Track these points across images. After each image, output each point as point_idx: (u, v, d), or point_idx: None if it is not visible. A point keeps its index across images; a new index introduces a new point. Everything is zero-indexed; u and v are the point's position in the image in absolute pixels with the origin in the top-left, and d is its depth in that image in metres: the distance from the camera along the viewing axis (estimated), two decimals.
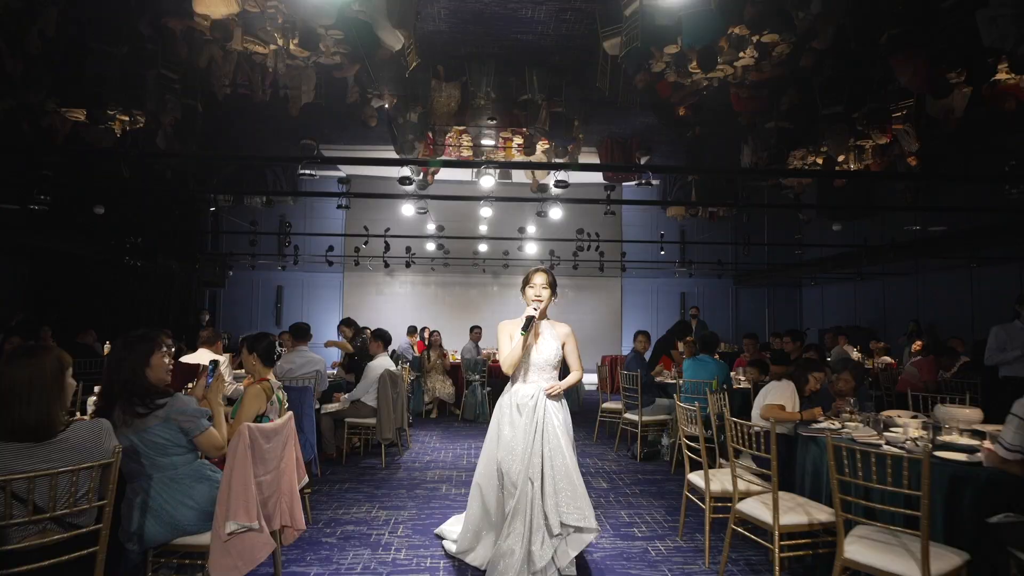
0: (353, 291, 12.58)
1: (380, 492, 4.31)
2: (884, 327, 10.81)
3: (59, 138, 6.44)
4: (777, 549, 2.59)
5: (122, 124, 6.66)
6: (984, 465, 2.43)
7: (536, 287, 3.00)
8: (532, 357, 2.97)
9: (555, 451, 2.83)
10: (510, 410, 2.94)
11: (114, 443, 1.92)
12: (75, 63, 5.71)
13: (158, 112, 6.27)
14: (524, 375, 2.99)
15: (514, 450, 2.82)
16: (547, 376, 3.00)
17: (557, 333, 3.05)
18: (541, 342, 3.00)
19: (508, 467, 2.82)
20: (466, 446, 5.89)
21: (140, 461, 2.19)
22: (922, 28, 5.13)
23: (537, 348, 2.98)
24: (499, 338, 3.05)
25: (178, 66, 5.92)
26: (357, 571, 2.97)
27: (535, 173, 8.96)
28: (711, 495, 3.13)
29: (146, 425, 2.17)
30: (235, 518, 2.19)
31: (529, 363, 2.98)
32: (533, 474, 2.77)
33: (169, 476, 2.21)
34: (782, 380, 3.65)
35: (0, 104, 5.54)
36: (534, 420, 2.87)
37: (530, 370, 2.98)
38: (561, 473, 2.79)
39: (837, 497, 2.34)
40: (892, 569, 2.18)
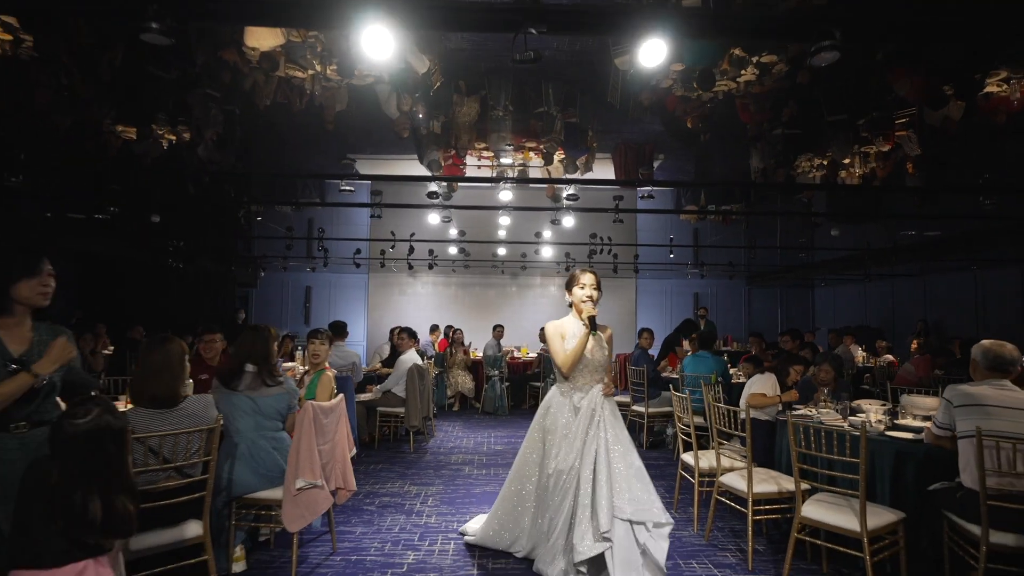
0: (377, 291, 13.18)
1: (410, 471, 4.85)
2: (893, 327, 11.07)
3: (112, 152, 7.12)
4: (751, 513, 3.06)
5: (168, 139, 7.32)
6: (924, 442, 2.87)
7: (587, 287, 3.00)
8: (589, 358, 2.97)
9: (617, 447, 2.84)
10: (563, 412, 2.94)
11: (215, 413, 2.48)
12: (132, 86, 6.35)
13: (202, 125, 6.90)
14: (579, 377, 2.98)
15: (571, 451, 2.82)
16: (598, 377, 3.00)
17: (603, 335, 3.06)
18: (594, 344, 2.99)
19: (563, 467, 2.81)
20: (486, 435, 6.41)
21: (247, 422, 2.81)
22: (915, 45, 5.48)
23: (591, 350, 2.97)
24: (550, 340, 3.04)
25: (222, 86, 6.54)
26: (395, 531, 3.51)
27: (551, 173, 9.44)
28: (700, 471, 3.61)
29: (269, 393, 2.85)
30: (303, 476, 2.74)
31: (586, 364, 2.97)
32: (598, 472, 2.76)
33: (266, 437, 2.80)
34: (765, 372, 4.10)
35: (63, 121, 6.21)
36: (592, 420, 2.87)
37: (585, 372, 2.97)
38: (633, 470, 2.80)
39: (796, 466, 2.81)
40: (838, 523, 2.64)
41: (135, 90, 6.43)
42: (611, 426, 2.90)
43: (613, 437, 2.86)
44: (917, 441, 2.92)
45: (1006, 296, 8.85)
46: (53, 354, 1.97)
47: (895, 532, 2.69)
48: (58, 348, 1.99)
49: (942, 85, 5.79)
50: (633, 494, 2.73)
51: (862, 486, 2.55)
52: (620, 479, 2.76)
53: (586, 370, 2.98)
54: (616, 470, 2.78)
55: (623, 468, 2.79)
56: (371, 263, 12.14)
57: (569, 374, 2.97)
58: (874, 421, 3.32)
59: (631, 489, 2.74)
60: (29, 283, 2.01)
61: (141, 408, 2.31)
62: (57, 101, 5.89)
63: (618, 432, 2.90)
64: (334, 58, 5.99)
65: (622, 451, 2.84)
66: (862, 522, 2.55)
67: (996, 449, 2.43)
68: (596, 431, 2.85)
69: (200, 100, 6.75)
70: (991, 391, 2.58)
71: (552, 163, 8.40)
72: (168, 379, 2.33)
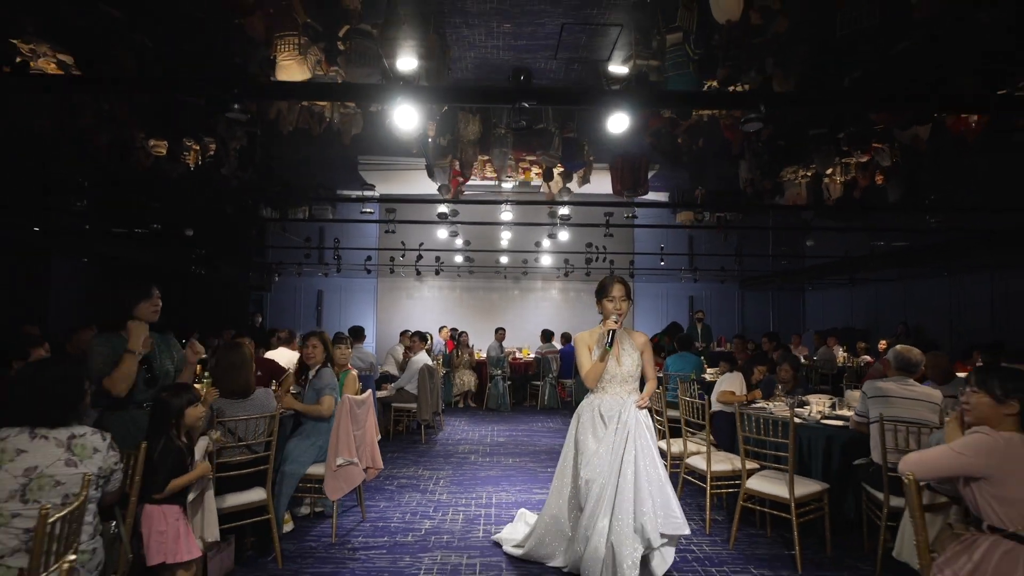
0: (386, 295, 13.83)
1: (423, 459, 5.50)
2: (877, 329, 11.66)
3: (143, 168, 7.80)
4: (709, 488, 3.69)
5: (196, 156, 7.99)
6: (850, 428, 3.50)
7: (616, 300, 2.95)
8: (614, 370, 2.95)
9: (648, 461, 2.82)
10: (593, 422, 2.94)
11: (275, 403, 3.13)
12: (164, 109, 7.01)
13: (227, 141, 7.56)
14: (609, 387, 2.98)
15: (600, 461, 2.83)
16: (629, 387, 2.98)
17: (635, 343, 3.03)
18: (623, 353, 2.97)
19: (592, 476, 2.82)
20: (490, 429, 7.06)
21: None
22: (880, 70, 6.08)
23: (619, 360, 2.95)
24: (577, 350, 3.06)
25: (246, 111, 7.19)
26: (412, 505, 4.16)
27: (551, 188, 10.09)
28: (671, 455, 4.24)
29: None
30: (342, 455, 3.38)
31: (612, 375, 2.96)
32: (623, 482, 2.76)
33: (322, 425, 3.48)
34: (733, 372, 4.72)
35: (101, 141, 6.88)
36: (624, 432, 2.85)
37: (613, 382, 2.96)
38: (655, 481, 2.80)
39: (742, 447, 3.44)
40: (773, 492, 3.28)
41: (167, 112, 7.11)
42: (641, 437, 2.86)
43: (644, 446, 2.85)
44: (844, 427, 3.55)
45: (977, 301, 9.45)
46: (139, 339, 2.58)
47: (820, 500, 3.32)
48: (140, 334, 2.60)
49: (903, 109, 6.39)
50: (657, 507, 2.74)
51: (791, 462, 3.18)
52: (654, 489, 2.77)
53: (614, 381, 2.96)
54: (650, 480, 2.78)
55: (654, 478, 2.80)
56: (380, 269, 12.80)
57: (593, 387, 2.98)
58: (815, 412, 3.95)
59: (660, 502, 2.76)
60: (145, 304, 2.65)
61: (223, 398, 2.96)
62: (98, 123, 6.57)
63: (649, 442, 2.88)
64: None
65: (651, 462, 2.83)
66: (790, 491, 3.18)
67: (895, 432, 3.06)
68: (628, 442, 2.82)
69: (225, 122, 7.42)
70: (895, 386, 3.21)
71: (552, 178, 9.04)
72: (244, 374, 2.98)
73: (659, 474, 2.84)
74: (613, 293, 2.96)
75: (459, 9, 5.09)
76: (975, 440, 1.84)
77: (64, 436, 1.83)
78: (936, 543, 2.03)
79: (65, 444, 1.82)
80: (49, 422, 1.82)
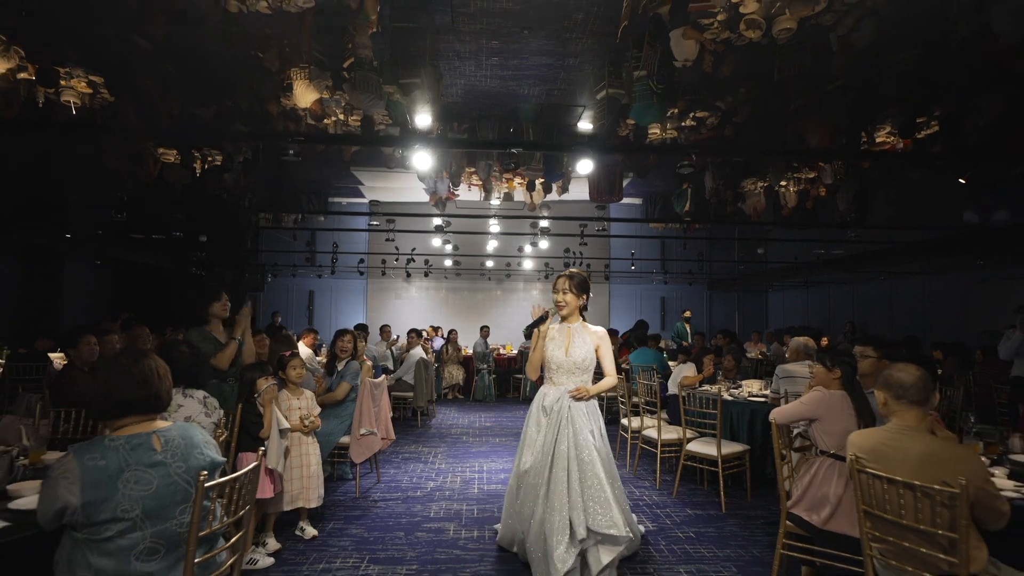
0: (375, 295, 14.54)
1: (421, 439, 6.33)
2: (829, 326, 12.77)
3: (152, 176, 8.48)
4: (659, 452, 4.59)
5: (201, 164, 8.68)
6: (768, 403, 4.43)
7: (558, 292, 3.03)
8: (561, 360, 2.96)
9: (582, 454, 2.81)
10: (537, 412, 2.99)
11: (315, 387, 3.94)
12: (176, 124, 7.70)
13: (233, 153, 8.27)
14: (555, 377, 3.00)
15: (536, 450, 2.89)
16: (577, 379, 2.97)
17: (590, 336, 3.03)
18: (573, 345, 2.97)
19: (528, 466, 2.89)
20: (478, 416, 7.91)
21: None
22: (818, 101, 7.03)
23: (568, 351, 2.96)
24: (533, 340, 3.10)
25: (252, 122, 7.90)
26: (417, 472, 4.99)
27: (533, 198, 10.98)
28: (631, 430, 5.14)
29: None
30: (365, 426, 4.20)
31: (558, 365, 2.97)
32: (555, 473, 2.79)
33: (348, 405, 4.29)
34: (688, 363, 5.64)
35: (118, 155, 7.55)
36: (558, 422, 2.86)
37: (560, 372, 2.98)
38: (590, 476, 2.78)
39: (683, 419, 4.35)
40: (706, 452, 4.18)
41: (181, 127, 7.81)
42: (580, 430, 2.86)
43: (580, 443, 2.83)
44: (764, 402, 4.48)
45: (910, 300, 10.59)
46: (240, 323, 3.41)
47: (741, 458, 4.24)
48: (242, 317, 3.43)
49: (839, 136, 7.40)
50: (592, 506, 2.74)
51: (719, 429, 4.09)
52: (586, 487, 2.77)
53: (562, 370, 2.98)
54: (584, 476, 2.79)
55: (589, 475, 2.79)
56: (370, 270, 13.55)
57: (533, 376, 3.07)
58: (746, 392, 4.88)
59: (594, 498, 2.76)
60: (217, 305, 3.46)
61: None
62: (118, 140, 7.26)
63: (589, 436, 2.87)
64: (355, 110, 7.43)
65: (588, 458, 2.81)
66: (718, 450, 4.09)
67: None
68: (564, 435, 2.84)
69: (231, 135, 8.13)
70: (797, 367, 4.14)
71: (535, 189, 9.92)
72: (297, 363, 3.79)
73: (598, 472, 2.79)
74: (557, 285, 3.06)
75: (452, 48, 5.92)
76: (812, 395, 2.76)
77: (200, 395, 2.63)
78: (797, 468, 2.95)
79: (202, 401, 2.62)
80: (195, 385, 2.62)
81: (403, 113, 7.33)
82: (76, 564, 1.53)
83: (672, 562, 3.18)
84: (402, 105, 7.16)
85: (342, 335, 4.57)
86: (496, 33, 5.41)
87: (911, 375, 2.07)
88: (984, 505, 1.86)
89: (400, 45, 5.99)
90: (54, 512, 1.52)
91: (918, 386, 2.05)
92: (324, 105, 7.58)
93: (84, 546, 1.54)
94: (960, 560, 1.80)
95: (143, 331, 4.87)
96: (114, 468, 1.57)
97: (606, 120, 7.36)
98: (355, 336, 4.53)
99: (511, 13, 4.95)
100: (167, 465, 1.65)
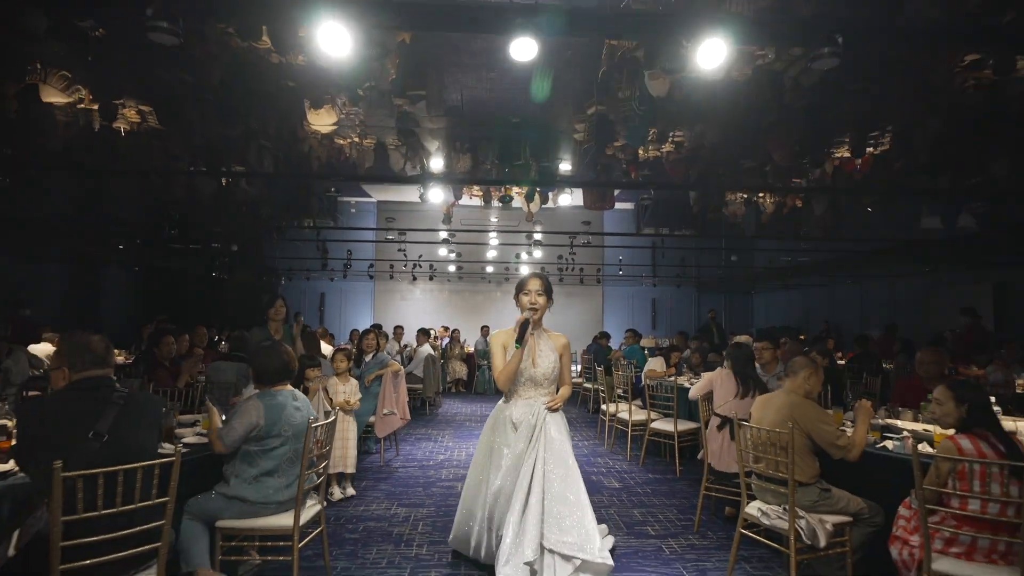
0: (382, 297, 15.47)
1: (430, 424, 7.29)
2: (807, 326, 13.69)
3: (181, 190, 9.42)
4: (630, 431, 5.54)
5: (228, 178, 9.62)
6: None
7: (531, 293, 2.85)
8: (529, 370, 2.80)
9: (556, 470, 2.68)
10: (505, 429, 2.79)
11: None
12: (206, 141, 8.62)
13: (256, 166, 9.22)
14: (522, 390, 2.83)
15: (508, 469, 2.71)
16: (545, 390, 2.84)
17: (555, 344, 2.91)
18: (540, 354, 2.83)
19: (500, 484, 2.71)
20: (480, 406, 8.87)
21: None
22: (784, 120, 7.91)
23: (535, 361, 2.81)
24: (492, 350, 2.89)
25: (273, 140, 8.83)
26: (428, 449, 5.94)
27: (529, 207, 11.95)
28: (609, 414, 6.08)
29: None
30: (387, 407, 5.15)
31: (527, 377, 2.80)
32: (531, 495, 2.62)
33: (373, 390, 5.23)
34: (658, 357, 6.58)
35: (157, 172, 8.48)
36: (530, 436, 2.72)
37: (527, 385, 2.82)
38: (559, 493, 2.64)
39: (648, 403, 5.29)
40: (666, 429, 5.13)
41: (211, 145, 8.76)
42: (552, 446, 2.71)
43: (554, 458, 2.69)
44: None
45: (878, 302, 11.53)
46: (297, 326, 4.38)
47: (694, 434, 5.18)
48: (297, 322, 4.39)
49: (801, 155, 8.32)
50: (565, 524, 2.57)
51: (675, 410, 5.04)
52: (555, 504, 2.60)
53: (529, 383, 2.82)
54: (552, 494, 2.62)
55: (559, 493, 2.63)
56: (378, 273, 14.50)
57: (505, 388, 2.83)
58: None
59: (566, 517, 2.58)
60: (273, 309, 4.40)
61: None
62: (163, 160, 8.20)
63: (561, 453, 2.71)
64: (370, 132, 8.37)
65: (562, 475, 2.67)
66: (675, 427, 5.03)
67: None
68: (534, 450, 2.69)
69: (255, 149, 9.08)
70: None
71: (532, 199, 10.88)
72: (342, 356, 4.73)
73: (567, 493, 2.64)
74: (529, 287, 2.87)
75: (455, 61, 6.79)
76: (708, 374, 3.78)
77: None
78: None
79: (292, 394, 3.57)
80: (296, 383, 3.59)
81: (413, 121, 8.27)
82: (248, 464, 2.57)
83: (628, 507, 4.14)
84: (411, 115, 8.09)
85: (367, 334, 5.52)
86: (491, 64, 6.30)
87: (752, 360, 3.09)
88: (822, 441, 2.82)
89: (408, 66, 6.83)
90: (245, 429, 2.53)
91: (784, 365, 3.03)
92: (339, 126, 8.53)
93: (255, 454, 2.55)
94: (791, 470, 2.73)
95: (200, 331, 5.82)
96: (279, 407, 2.63)
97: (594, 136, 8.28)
98: (377, 334, 5.48)
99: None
100: (300, 410, 2.70)
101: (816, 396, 3.13)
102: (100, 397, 1.97)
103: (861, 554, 2.83)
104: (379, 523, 3.78)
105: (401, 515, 3.94)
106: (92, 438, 1.89)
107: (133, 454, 1.95)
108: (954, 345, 7.30)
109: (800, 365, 3.08)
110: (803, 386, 3.05)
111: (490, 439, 2.90)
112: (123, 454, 1.92)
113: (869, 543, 2.81)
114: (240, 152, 9.16)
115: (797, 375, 3.05)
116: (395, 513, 3.98)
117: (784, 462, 2.76)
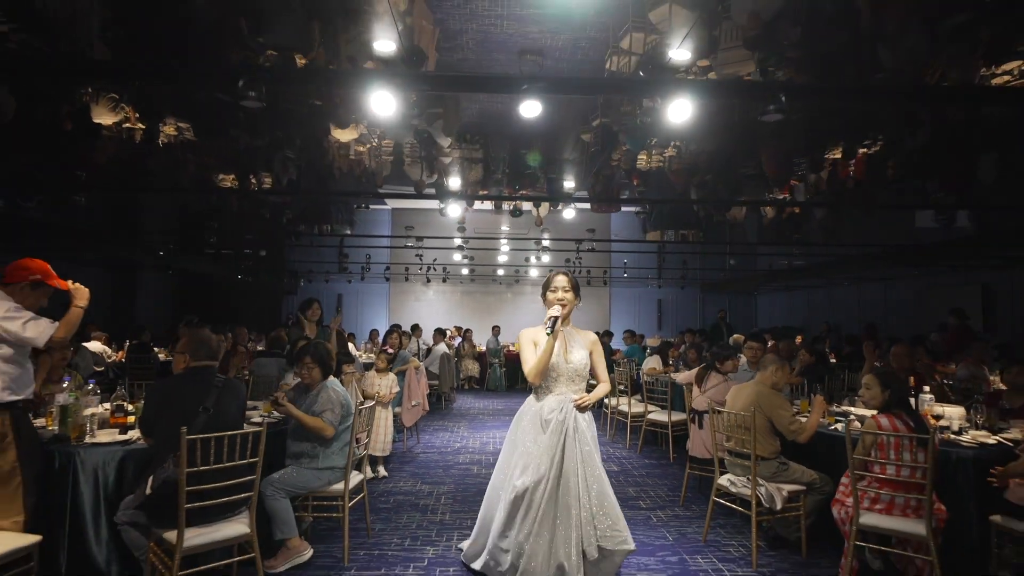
0: (397, 298, 16.06)
1: (446, 417, 7.88)
2: (808, 326, 14.13)
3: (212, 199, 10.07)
4: (629, 422, 6.09)
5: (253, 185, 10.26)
6: None
7: (558, 290, 2.88)
8: (561, 366, 2.81)
9: (589, 470, 2.69)
10: (533, 425, 2.77)
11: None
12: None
13: (280, 175, 9.85)
14: (553, 386, 2.82)
15: (539, 468, 2.66)
16: (576, 387, 2.83)
17: (584, 341, 2.93)
18: (570, 350, 2.85)
19: (528, 484, 2.65)
20: (491, 401, 9.46)
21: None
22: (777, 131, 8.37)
23: (567, 356, 2.83)
24: (522, 346, 2.88)
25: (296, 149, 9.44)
26: (446, 439, 6.53)
27: (539, 213, 12.53)
28: (611, 407, 6.64)
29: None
30: (414, 399, 5.75)
31: (559, 373, 2.81)
32: (563, 493, 2.64)
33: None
34: (655, 355, 7.12)
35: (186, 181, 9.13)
36: (562, 435, 2.70)
37: (560, 380, 2.82)
38: (596, 492, 2.68)
39: (645, 396, 5.84)
40: (660, 419, 5.68)
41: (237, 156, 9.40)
42: (587, 442, 2.74)
43: (588, 455, 2.72)
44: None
45: (874, 303, 11.98)
46: (334, 325, 4.99)
47: (686, 424, 5.72)
48: (334, 323, 5.00)
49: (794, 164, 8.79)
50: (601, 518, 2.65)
51: (669, 402, 5.59)
52: (595, 500, 2.67)
53: (561, 378, 2.82)
54: (592, 491, 2.68)
55: (596, 489, 2.69)
56: (393, 276, 15.13)
57: (537, 382, 2.82)
58: None
59: (603, 511, 2.67)
60: (309, 311, 5.01)
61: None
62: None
63: (592, 449, 2.76)
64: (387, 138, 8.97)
65: (596, 473, 2.72)
66: (669, 418, 5.58)
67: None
68: (571, 446, 2.70)
69: (280, 160, 9.72)
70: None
71: (541, 205, 11.45)
72: (383, 356, 5.33)
73: (603, 488, 2.70)
74: (556, 283, 2.91)
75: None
76: (686, 372, 4.32)
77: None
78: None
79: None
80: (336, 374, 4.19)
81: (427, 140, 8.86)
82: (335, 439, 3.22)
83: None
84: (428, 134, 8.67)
85: (390, 333, 6.12)
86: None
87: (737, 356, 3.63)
88: (779, 424, 3.37)
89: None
90: (340, 413, 3.19)
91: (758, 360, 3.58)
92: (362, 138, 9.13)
93: (341, 431, 3.20)
94: (753, 446, 3.28)
95: (242, 331, 6.46)
96: (344, 392, 3.31)
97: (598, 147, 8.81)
98: (400, 333, 6.07)
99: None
100: (351, 395, 3.36)
101: (784, 387, 3.68)
102: (207, 381, 2.59)
103: (814, 518, 3.38)
104: (407, 496, 4.38)
105: (425, 491, 4.53)
106: (202, 412, 2.50)
107: (229, 425, 2.57)
108: (935, 345, 7.76)
109: (769, 361, 3.63)
110: (771, 378, 3.60)
111: (517, 432, 2.87)
112: (223, 424, 2.54)
113: (821, 509, 3.36)
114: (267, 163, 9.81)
115: (767, 369, 3.61)
116: (420, 489, 4.57)
117: (749, 440, 3.32)
